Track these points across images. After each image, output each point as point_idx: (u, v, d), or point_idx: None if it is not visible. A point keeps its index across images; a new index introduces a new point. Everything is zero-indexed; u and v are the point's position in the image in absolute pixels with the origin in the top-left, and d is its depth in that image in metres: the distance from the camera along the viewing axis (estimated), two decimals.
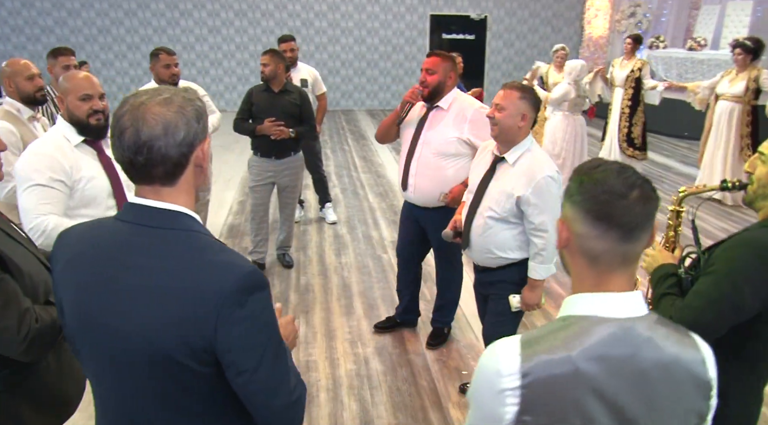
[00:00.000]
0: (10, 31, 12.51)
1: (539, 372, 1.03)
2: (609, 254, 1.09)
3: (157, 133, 1.18)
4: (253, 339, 1.19)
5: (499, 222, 2.69)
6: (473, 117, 3.32)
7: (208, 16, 12.97)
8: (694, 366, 1.08)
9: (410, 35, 13.67)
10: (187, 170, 1.24)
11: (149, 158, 1.18)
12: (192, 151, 1.23)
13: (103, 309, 1.21)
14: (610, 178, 1.09)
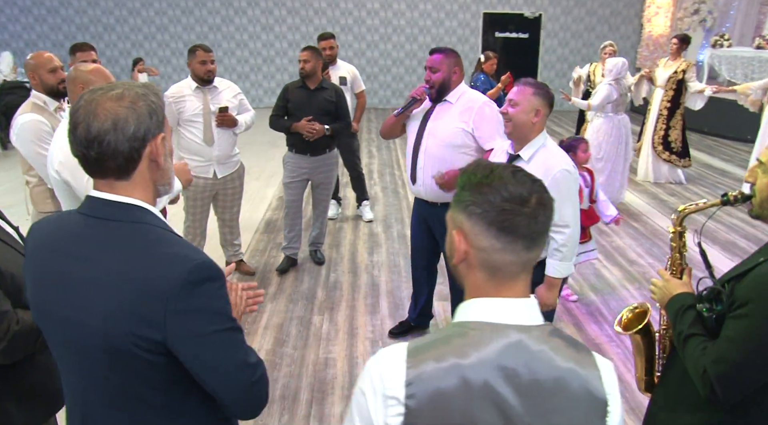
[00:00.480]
0: (75, 30, 13.08)
1: (425, 382, 0.97)
2: (512, 265, 1.04)
3: (107, 127, 1.20)
4: (204, 328, 1.21)
5: None
6: (479, 110, 3.27)
7: (262, 14, 13.20)
8: (589, 381, 1.02)
9: (462, 34, 13.53)
10: (141, 164, 1.26)
11: (100, 152, 1.21)
12: (144, 146, 1.25)
13: (58, 300, 1.24)
14: (509, 184, 1.02)
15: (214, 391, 1.26)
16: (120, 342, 1.18)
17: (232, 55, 13.44)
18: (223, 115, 4.20)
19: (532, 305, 1.06)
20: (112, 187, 1.25)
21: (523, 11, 13.38)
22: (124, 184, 1.26)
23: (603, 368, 1.05)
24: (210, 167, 4.34)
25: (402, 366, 0.99)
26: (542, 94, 2.60)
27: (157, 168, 1.30)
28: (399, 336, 3.91)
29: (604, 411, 1.02)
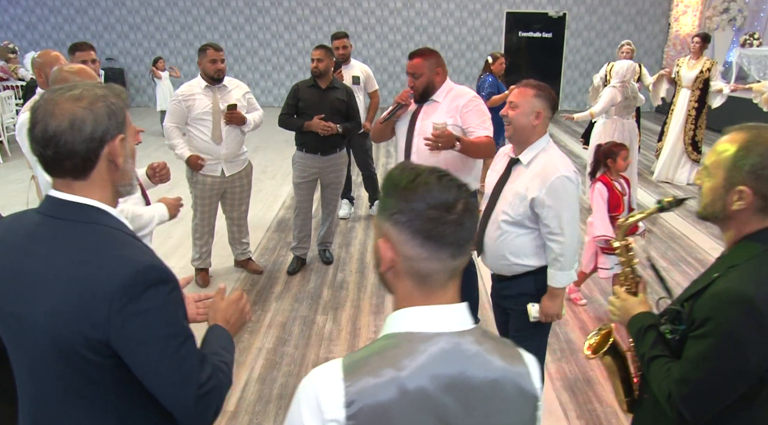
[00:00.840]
0: (102, 29, 13.31)
1: (365, 399, 0.94)
2: (440, 274, 1.01)
3: (64, 127, 1.20)
4: (150, 332, 1.20)
5: (514, 226, 2.56)
6: (466, 104, 3.23)
7: (285, 13, 13.27)
8: (521, 379, 1.03)
9: (485, 33, 13.44)
10: (99, 165, 1.26)
11: (57, 151, 1.21)
12: (102, 146, 1.25)
13: (10, 298, 1.25)
14: (433, 190, 0.99)
15: (158, 397, 1.25)
16: (67, 342, 1.18)
17: (255, 54, 13.54)
18: (231, 112, 4.22)
19: (463, 310, 1.05)
20: (69, 187, 1.26)
21: (547, 10, 13.22)
22: (82, 184, 1.26)
23: (530, 364, 1.07)
24: (218, 165, 4.36)
25: (339, 386, 0.95)
26: (544, 96, 2.49)
27: (116, 169, 1.29)
28: None
29: (535, 406, 1.04)
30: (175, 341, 1.23)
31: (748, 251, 1.41)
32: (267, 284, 4.70)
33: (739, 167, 1.39)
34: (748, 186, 1.39)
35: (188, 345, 1.26)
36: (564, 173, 2.44)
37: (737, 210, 1.41)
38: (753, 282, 1.35)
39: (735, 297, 1.34)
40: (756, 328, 1.31)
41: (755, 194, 1.38)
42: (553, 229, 2.48)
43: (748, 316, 1.31)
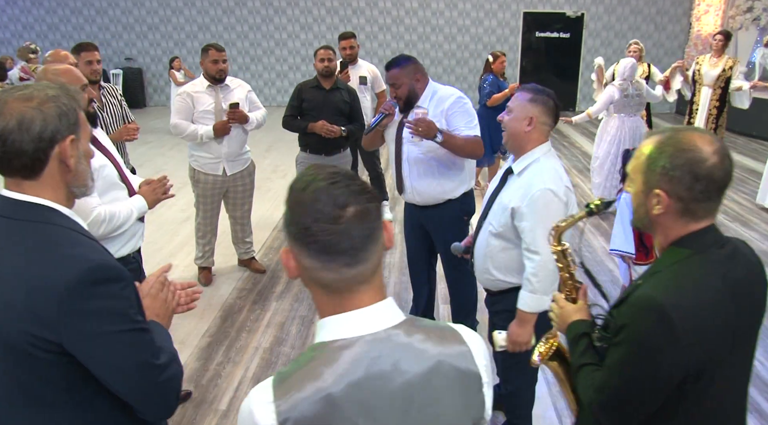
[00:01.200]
0: (122, 29, 13.49)
1: (296, 416, 0.94)
2: (341, 282, 1.00)
3: (11, 127, 1.21)
4: (101, 329, 1.21)
5: (498, 239, 2.45)
6: (450, 106, 3.19)
7: (301, 13, 13.32)
8: (460, 360, 1.03)
9: (502, 33, 13.35)
10: (50, 165, 1.27)
11: (5, 150, 1.22)
12: (52, 147, 1.26)
13: None
14: (319, 201, 0.97)
15: (117, 392, 1.26)
16: (15, 340, 1.19)
17: (272, 54, 13.61)
18: (234, 111, 4.23)
19: (383, 308, 1.02)
20: (19, 186, 1.27)
21: (565, 10, 13.09)
22: (33, 184, 1.27)
23: (471, 342, 1.06)
24: (219, 164, 4.38)
25: (270, 406, 0.95)
26: (540, 102, 2.33)
27: (67, 170, 1.30)
28: None
29: (479, 384, 1.03)
30: (128, 336, 1.24)
31: (672, 256, 1.38)
32: (269, 283, 4.71)
33: (652, 170, 1.36)
34: (662, 189, 1.34)
35: (143, 338, 1.27)
36: (549, 185, 2.27)
37: (659, 215, 1.37)
38: (668, 289, 1.31)
39: (646, 304, 1.31)
40: (666, 336, 1.27)
41: (670, 197, 1.34)
42: (529, 245, 2.33)
43: (659, 323, 1.28)
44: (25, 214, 1.25)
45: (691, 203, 1.33)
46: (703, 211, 1.35)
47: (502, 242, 2.44)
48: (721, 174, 1.31)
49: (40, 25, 13.56)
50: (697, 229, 1.36)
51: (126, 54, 13.61)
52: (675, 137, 1.34)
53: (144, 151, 9.15)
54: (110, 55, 13.59)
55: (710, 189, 1.31)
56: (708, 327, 1.28)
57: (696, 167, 1.30)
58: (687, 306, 1.28)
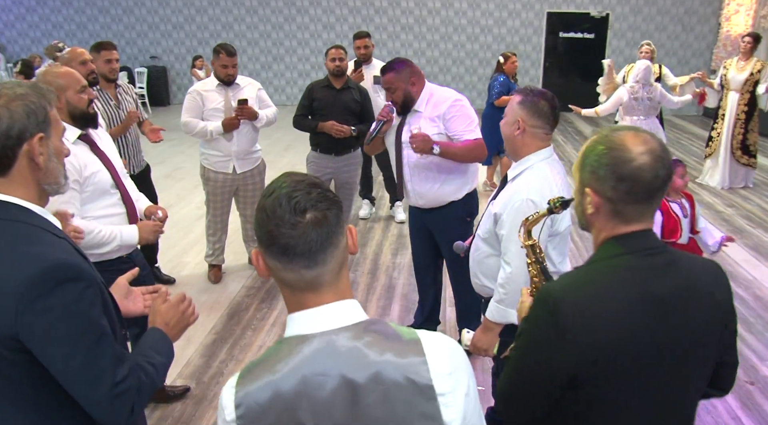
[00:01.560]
0: (147, 28, 13.68)
1: (249, 402, 1.02)
2: (302, 282, 1.06)
3: None
4: (61, 329, 1.21)
5: (485, 244, 2.41)
6: (446, 110, 3.16)
7: (323, 13, 13.36)
8: (411, 369, 1.03)
9: (525, 33, 13.22)
10: (18, 163, 1.28)
11: None
12: (20, 144, 1.27)
13: None
14: (279, 206, 1.03)
15: (72, 395, 1.26)
16: None
17: (294, 53, 13.68)
18: (242, 107, 4.24)
19: (343, 308, 1.07)
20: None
21: (590, 10, 12.91)
22: (2, 181, 1.28)
23: (431, 354, 1.05)
24: (229, 162, 4.41)
25: (232, 390, 1.05)
26: (527, 104, 2.24)
27: (37, 168, 1.31)
28: None
29: (430, 395, 1.03)
30: (86, 339, 1.24)
31: (595, 255, 1.34)
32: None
33: (584, 168, 1.33)
34: (591, 188, 1.30)
35: (102, 343, 1.26)
36: (532, 196, 2.17)
37: (591, 215, 1.33)
38: (568, 284, 1.29)
39: (542, 296, 1.29)
40: (553, 329, 1.24)
41: (599, 196, 1.29)
42: (503, 254, 2.28)
43: (548, 316, 1.25)
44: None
45: (618, 203, 1.27)
46: (633, 213, 1.28)
47: (488, 248, 2.40)
48: (649, 176, 1.24)
49: (69, 24, 13.81)
50: (626, 232, 1.29)
51: (151, 52, 13.80)
52: (608, 136, 1.30)
53: (164, 148, 9.25)
54: (135, 53, 13.80)
55: (636, 191, 1.25)
56: (601, 330, 1.22)
57: (620, 167, 1.25)
58: (581, 304, 1.24)
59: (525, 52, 13.24)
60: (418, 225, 3.55)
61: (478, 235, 2.46)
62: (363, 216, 6.20)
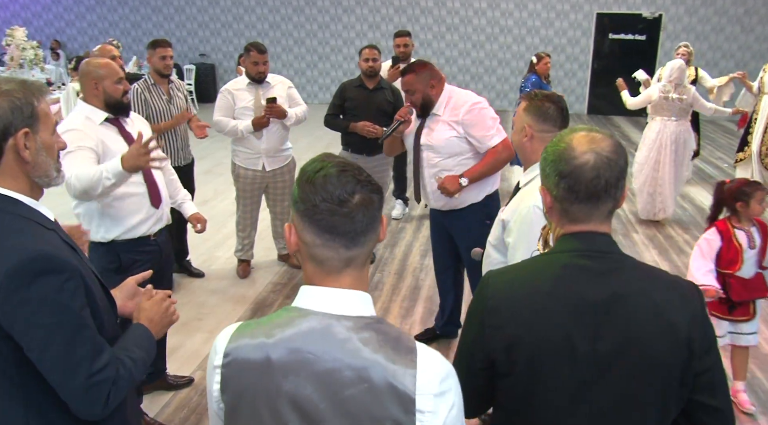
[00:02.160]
0: (197, 26, 14.02)
1: (237, 354, 1.07)
2: (335, 260, 1.08)
3: None
4: (39, 319, 1.25)
5: (495, 251, 2.37)
6: (465, 114, 3.14)
7: (369, 12, 13.40)
8: (396, 376, 1.02)
9: (573, 35, 12.95)
10: (5, 157, 1.33)
11: None
12: (5, 139, 1.31)
13: None
14: (329, 183, 1.05)
15: (50, 382, 1.29)
16: None
17: (339, 52, 13.78)
18: (271, 106, 4.29)
19: (354, 297, 1.09)
20: None
21: (642, 11, 12.55)
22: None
23: (423, 368, 1.04)
24: (259, 160, 4.47)
25: (228, 337, 1.10)
26: (533, 109, 2.18)
27: (24, 162, 1.35)
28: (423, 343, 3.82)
29: (408, 407, 1.02)
30: (64, 329, 1.27)
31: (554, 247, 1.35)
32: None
33: (541, 166, 1.34)
34: (542, 185, 1.33)
35: (81, 335, 1.30)
36: (538, 203, 2.06)
37: (547, 212, 1.34)
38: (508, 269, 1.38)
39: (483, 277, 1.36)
40: (479, 309, 1.31)
41: (547, 194, 1.30)
42: (509, 261, 2.21)
43: (478, 296, 1.32)
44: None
45: (563, 202, 1.27)
46: (578, 213, 1.26)
47: (498, 255, 2.36)
48: (589, 175, 1.22)
49: (124, 23, 14.27)
50: (572, 231, 1.28)
51: (200, 50, 14.13)
52: (563, 136, 1.30)
53: (207, 144, 9.41)
54: (185, 51, 14.15)
55: (577, 189, 1.23)
56: (519, 317, 1.24)
57: (561, 165, 1.25)
58: (506, 288, 1.29)
59: (573, 54, 12.98)
60: (438, 228, 3.53)
61: (489, 242, 2.42)
62: (395, 216, 6.20)
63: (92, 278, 1.42)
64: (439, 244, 3.61)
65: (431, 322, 4.02)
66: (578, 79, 13.14)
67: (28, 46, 9.09)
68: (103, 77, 2.65)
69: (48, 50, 13.68)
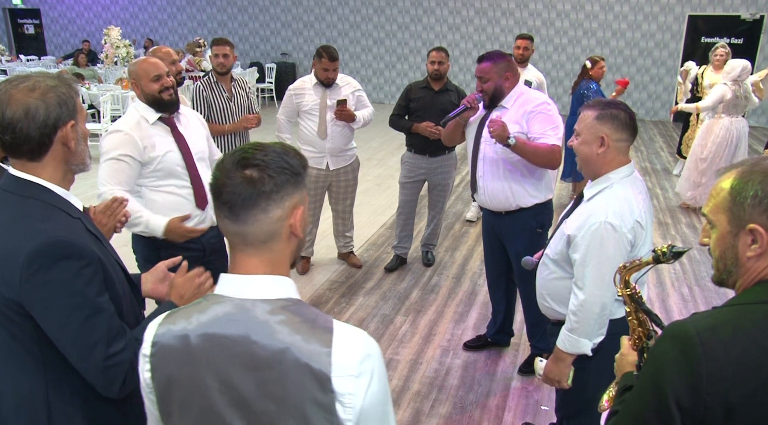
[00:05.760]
0: (281, 26, 14.41)
1: (162, 343, 1.10)
2: (227, 233, 1.12)
3: (19, 116, 1.37)
4: (56, 301, 1.33)
5: (554, 265, 2.29)
6: (533, 111, 3.05)
7: (450, 14, 13.34)
8: (312, 356, 1.04)
9: (661, 38, 12.37)
10: (53, 148, 1.41)
11: (14, 136, 1.38)
12: (55, 132, 1.40)
13: None
14: (229, 156, 1.10)
15: (70, 360, 1.38)
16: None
17: (418, 54, 13.78)
18: (341, 108, 4.35)
19: (269, 281, 1.10)
20: (24, 166, 1.43)
21: (740, 13, 11.83)
22: (35, 165, 1.42)
23: (339, 348, 1.05)
24: (323, 159, 4.54)
25: (154, 327, 1.13)
26: (608, 117, 2.10)
27: (69, 151, 1.44)
28: (474, 350, 3.77)
29: (326, 387, 1.03)
30: (80, 313, 1.35)
31: (745, 296, 1.17)
32: (361, 278, 4.80)
33: (740, 203, 1.15)
34: (758, 223, 1.13)
35: (97, 318, 1.37)
36: (610, 219, 2.03)
37: (752, 257, 1.14)
38: (707, 324, 1.12)
39: (677, 331, 1.14)
40: (684, 369, 1.11)
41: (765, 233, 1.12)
42: (576, 279, 2.15)
43: (679, 352, 1.11)
44: (20, 190, 1.41)
45: None
46: None
47: (558, 269, 2.28)
48: None
49: (212, 22, 14.87)
50: None
51: (282, 49, 14.51)
52: (759, 164, 1.16)
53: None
54: (268, 50, 14.58)
55: None
56: (738, 377, 1.07)
57: None
58: (718, 347, 1.09)
59: (660, 58, 12.41)
60: (490, 232, 3.47)
61: (547, 254, 2.34)
62: (469, 218, 6.14)
63: (114, 266, 1.50)
64: (490, 252, 3.55)
65: (485, 329, 3.96)
66: (665, 85, 12.55)
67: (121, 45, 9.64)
68: (139, 77, 2.72)
69: (142, 49, 14.47)
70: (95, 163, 2.11)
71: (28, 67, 12.61)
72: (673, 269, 4.98)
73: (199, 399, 1.08)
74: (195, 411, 1.08)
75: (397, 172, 5.05)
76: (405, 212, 4.96)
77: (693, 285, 4.74)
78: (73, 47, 15.63)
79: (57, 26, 16.55)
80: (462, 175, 7.55)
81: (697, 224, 6.16)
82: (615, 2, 12.38)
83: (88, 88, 9.48)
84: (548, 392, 3.34)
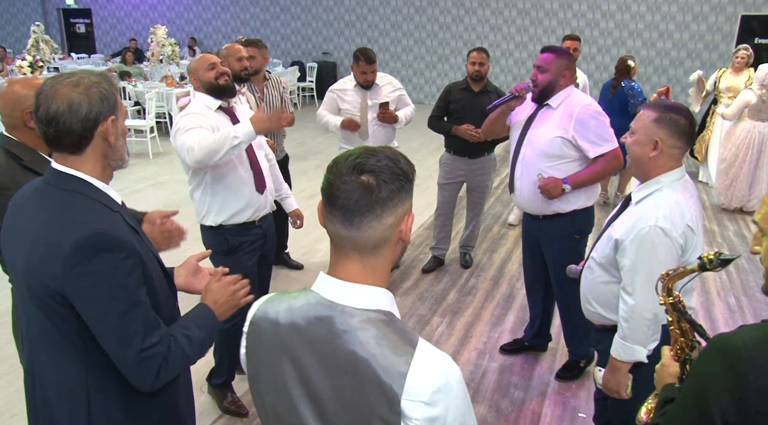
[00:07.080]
0: (322, 25, 14.53)
1: (257, 322, 1.19)
2: (336, 237, 1.12)
3: (63, 110, 1.41)
4: (96, 292, 1.37)
5: (600, 269, 2.24)
6: (580, 114, 2.99)
7: (492, 14, 13.23)
8: (387, 374, 1.03)
9: (711, 39, 12.04)
10: (93, 142, 1.46)
11: (57, 130, 1.42)
12: (96, 126, 1.44)
13: (9, 249, 1.51)
14: (345, 162, 1.08)
15: (105, 350, 1.42)
16: (36, 290, 1.40)
17: (459, 54, 13.71)
18: (384, 111, 4.36)
19: (362, 291, 1.11)
20: (65, 160, 1.47)
21: None
22: (76, 158, 1.47)
23: (415, 371, 1.03)
24: None
25: (257, 306, 1.22)
26: (666, 121, 2.03)
27: (108, 146, 1.49)
28: (510, 354, 3.73)
29: (393, 404, 1.03)
30: (119, 304, 1.39)
31: None
32: (399, 278, 4.80)
33: None
34: None
35: (135, 311, 1.41)
36: (661, 223, 1.99)
37: None
38: (756, 338, 1.08)
39: (722, 344, 1.10)
40: (731, 384, 1.07)
41: None
42: (625, 285, 2.10)
43: (725, 366, 1.07)
44: (62, 183, 1.45)
45: None
46: None
47: (605, 274, 2.23)
48: None
49: (255, 21, 15.08)
50: None
51: (323, 49, 14.62)
52: None
53: (322, 141, 9.79)
54: (309, 49, 14.70)
55: None
56: None
57: None
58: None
59: (709, 60, 12.07)
60: (529, 236, 3.43)
61: (593, 257, 2.29)
62: (512, 222, 6.08)
63: (152, 260, 1.54)
64: (528, 256, 3.50)
65: (522, 333, 3.91)
66: None
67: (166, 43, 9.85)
68: (197, 69, 2.90)
69: (186, 47, 14.76)
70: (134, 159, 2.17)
71: (79, 64, 13.02)
72: (719, 277, 4.84)
73: (280, 386, 1.13)
74: (274, 397, 1.14)
75: (436, 173, 5.03)
76: (443, 213, 4.94)
77: (740, 295, 4.59)
78: (121, 45, 16.03)
79: (106, 25, 17.02)
80: (501, 177, 7.49)
81: (746, 232, 5.97)
82: (663, 2, 12.10)
83: (135, 85, 9.72)
84: (586, 399, 3.29)
